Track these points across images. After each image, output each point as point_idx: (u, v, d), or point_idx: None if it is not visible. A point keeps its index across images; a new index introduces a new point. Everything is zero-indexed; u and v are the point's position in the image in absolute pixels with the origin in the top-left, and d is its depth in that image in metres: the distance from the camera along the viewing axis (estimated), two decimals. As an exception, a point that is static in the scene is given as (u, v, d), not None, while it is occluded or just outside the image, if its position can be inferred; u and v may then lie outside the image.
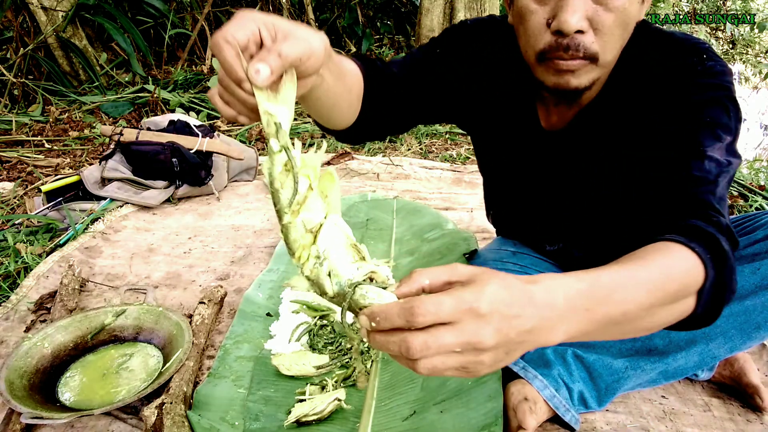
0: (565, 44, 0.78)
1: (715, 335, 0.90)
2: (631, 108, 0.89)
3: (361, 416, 0.99)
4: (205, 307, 1.30)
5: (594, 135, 0.94)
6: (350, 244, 0.56)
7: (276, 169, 0.55)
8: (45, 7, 3.38)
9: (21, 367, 1.08)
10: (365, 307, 0.51)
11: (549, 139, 0.98)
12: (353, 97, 0.86)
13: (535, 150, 1.01)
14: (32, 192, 2.21)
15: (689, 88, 0.83)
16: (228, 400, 1.05)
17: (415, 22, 4.60)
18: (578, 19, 0.76)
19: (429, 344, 0.48)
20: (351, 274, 0.54)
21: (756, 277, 0.88)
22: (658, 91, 0.86)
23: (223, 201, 2.15)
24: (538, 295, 0.53)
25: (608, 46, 0.80)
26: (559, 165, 1.00)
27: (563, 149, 0.98)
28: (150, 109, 3.27)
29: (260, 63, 0.53)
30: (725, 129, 0.80)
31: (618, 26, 0.78)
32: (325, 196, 0.57)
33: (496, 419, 0.86)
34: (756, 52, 5.58)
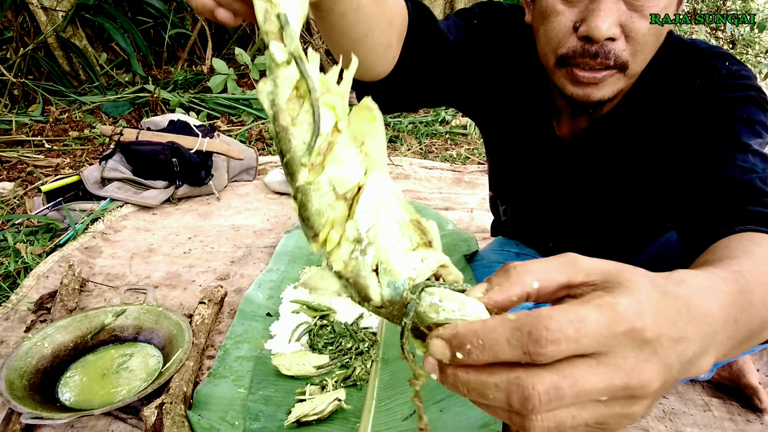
0: (593, 51, 0.72)
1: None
2: (651, 114, 0.85)
3: (361, 416, 0.99)
4: (205, 307, 1.30)
5: (609, 142, 0.90)
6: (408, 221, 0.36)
7: (283, 93, 0.34)
8: (45, 7, 3.38)
9: (21, 367, 1.08)
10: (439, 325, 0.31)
11: (562, 146, 0.95)
12: (393, 33, 0.68)
13: (547, 155, 0.98)
14: (32, 192, 2.22)
15: (718, 89, 0.79)
16: (228, 400, 1.05)
17: (415, 22, 4.59)
18: (610, 25, 0.70)
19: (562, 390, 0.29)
20: (412, 270, 0.34)
21: None
22: (682, 95, 0.82)
23: (223, 201, 2.15)
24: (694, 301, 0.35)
25: (640, 55, 0.74)
26: (570, 169, 0.97)
27: (576, 155, 0.95)
28: (150, 109, 3.28)
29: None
30: (764, 126, 0.75)
31: (653, 34, 0.73)
32: (361, 143, 0.35)
33: (495, 418, 0.86)
34: (756, 52, 5.57)
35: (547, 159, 0.99)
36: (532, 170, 1.03)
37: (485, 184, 2.34)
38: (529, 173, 1.06)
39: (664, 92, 0.84)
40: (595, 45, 0.72)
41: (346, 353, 1.15)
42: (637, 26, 0.71)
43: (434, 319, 0.31)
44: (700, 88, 0.80)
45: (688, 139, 0.80)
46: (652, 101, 0.85)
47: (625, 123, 0.88)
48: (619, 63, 0.74)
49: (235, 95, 3.50)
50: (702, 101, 0.80)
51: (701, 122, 0.79)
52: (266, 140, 2.99)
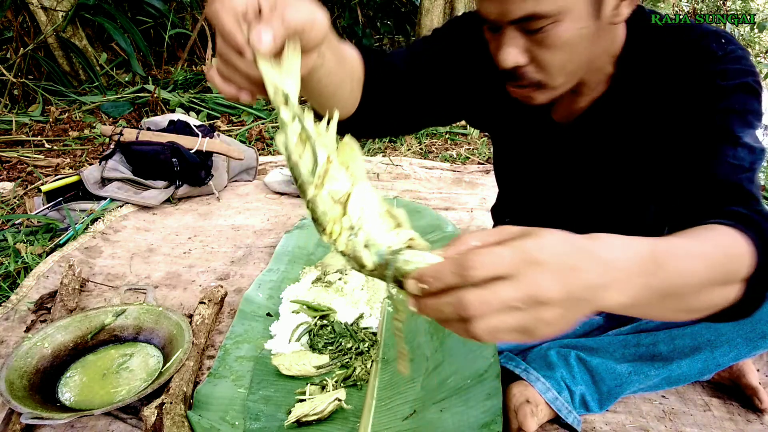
0: (509, 74, 0.79)
1: (720, 343, 0.89)
2: (646, 99, 0.87)
3: (361, 416, 0.99)
4: (205, 307, 1.30)
5: (604, 127, 0.92)
6: (384, 212, 0.51)
7: (291, 141, 0.52)
8: (45, 7, 3.38)
9: (21, 367, 1.08)
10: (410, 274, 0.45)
11: (560, 131, 0.97)
12: (354, 83, 0.83)
13: (546, 141, 1.00)
14: (32, 192, 2.22)
15: (714, 74, 0.79)
16: (228, 400, 1.05)
17: (415, 22, 4.60)
18: (513, 57, 0.76)
19: (487, 299, 0.42)
20: (390, 242, 0.48)
21: None
22: (677, 80, 0.83)
23: (223, 201, 2.15)
24: (600, 250, 0.48)
25: (553, 75, 0.79)
26: (569, 156, 0.99)
27: (573, 141, 0.96)
28: (150, 109, 3.27)
29: (263, 27, 0.50)
30: (756, 115, 0.77)
31: (559, 55, 0.76)
32: (347, 166, 0.53)
33: (495, 417, 0.86)
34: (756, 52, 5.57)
35: (547, 146, 1.00)
36: (534, 160, 1.03)
37: (485, 184, 2.34)
38: (531, 165, 1.06)
39: (659, 75, 0.85)
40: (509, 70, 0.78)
41: (346, 353, 1.15)
42: (541, 56, 0.76)
43: (407, 269, 0.46)
44: (697, 72, 0.80)
45: (683, 126, 0.81)
46: (647, 84, 0.86)
47: (620, 106, 0.89)
48: (534, 83, 0.79)
49: (235, 95, 3.49)
50: (698, 87, 0.80)
51: (696, 110, 0.80)
52: (266, 140, 2.99)
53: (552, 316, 0.44)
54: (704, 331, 0.90)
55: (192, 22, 4.09)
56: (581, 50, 0.77)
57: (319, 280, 1.41)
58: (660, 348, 0.93)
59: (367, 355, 1.15)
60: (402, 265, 0.46)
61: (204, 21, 3.94)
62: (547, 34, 0.73)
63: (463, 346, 1.01)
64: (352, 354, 1.14)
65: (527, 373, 0.99)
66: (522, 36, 0.75)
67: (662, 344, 0.92)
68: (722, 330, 0.88)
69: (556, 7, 0.70)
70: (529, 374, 0.98)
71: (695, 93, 0.80)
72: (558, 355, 1.00)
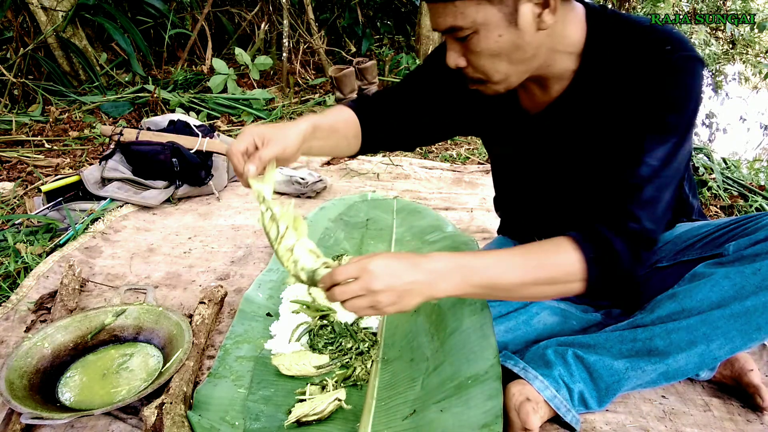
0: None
1: (716, 336, 0.90)
2: (605, 93, 0.94)
3: (361, 416, 0.99)
4: (205, 307, 1.30)
5: (571, 117, 1.00)
6: (311, 251, 0.91)
7: (266, 220, 0.91)
8: (45, 7, 3.38)
9: (21, 367, 1.08)
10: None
11: (532, 120, 1.05)
12: (350, 139, 1.10)
13: (521, 131, 1.08)
14: (32, 192, 2.22)
15: (652, 84, 0.88)
16: (228, 400, 1.05)
17: (415, 22, 4.60)
18: (453, 59, 0.90)
19: (344, 290, 0.82)
20: (313, 266, 0.89)
21: (757, 277, 0.88)
22: (625, 84, 0.91)
23: (223, 201, 2.15)
24: (422, 262, 0.85)
25: (488, 73, 0.90)
26: (542, 143, 1.06)
27: (545, 129, 1.04)
28: (150, 109, 3.27)
29: (250, 164, 0.88)
30: (672, 131, 0.87)
31: (486, 60, 0.88)
32: (296, 229, 0.91)
33: (495, 418, 0.86)
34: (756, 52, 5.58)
35: (522, 135, 1.09)
36: (514, 151, 1.10)
37: (485, 184, 2.34)
38: (513, 155, 1.15)
39: (615, 74, 0.92)
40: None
41: (346, 353, 1.15)
42: (473, 59, 0.89)
43: (318, 279, 0.87)
44: (640, 80, 0.88)
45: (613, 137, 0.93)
46: (607, 79, 0.93)
47: (583, 98, 0.97)
48: (476, 79, 0.92)
49: (235, 95, 3.50)
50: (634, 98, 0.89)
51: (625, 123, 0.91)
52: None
53: (387, 299, 0.83)
54: (700, 324, 0.90)
55: (192, 22, 4.09)
56: (508, 53, 0.87)
57: (319, 280, 1.41)
58: (656, 342, 0.93)
59: (367, 355, 1.15)
60: (316, 277, 0.88)
61: (204, 21, 3.94)
62: (471, 42, 0.86)
63: (463, 347, 1.01)
64: (352, 354, 1.14)
65: (525, 371, 0.99)
66: (457, 42, 0.88)
67: (658, 339, 0.93)
68: (718, 323, 0.89)
69: (471, 21, 0.83)
70: (527, 373, 0.98)
71: (631, 102, 0.90)
72: (555, 353, 1.00)
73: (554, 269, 0.87)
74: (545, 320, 1.14)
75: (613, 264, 0.87)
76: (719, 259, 0.94)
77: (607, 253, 0.86)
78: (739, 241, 0.94)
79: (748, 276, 0.89)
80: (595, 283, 0.88)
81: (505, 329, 1.11)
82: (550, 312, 1.14)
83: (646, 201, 0.87)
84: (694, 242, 1.03)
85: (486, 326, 1.02)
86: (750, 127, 5.40)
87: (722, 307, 0.89)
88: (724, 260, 0.93)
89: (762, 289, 0.87)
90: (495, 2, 0.81)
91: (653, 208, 0.88)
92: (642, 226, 0.87)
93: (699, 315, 0.90)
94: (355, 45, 4.53)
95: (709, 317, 0.90)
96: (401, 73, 3.97)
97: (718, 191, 2.27)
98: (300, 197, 2.20)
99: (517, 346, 1.10)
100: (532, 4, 0.83)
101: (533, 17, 0.84)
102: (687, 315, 0.91)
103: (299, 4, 4.14)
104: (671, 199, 0.91)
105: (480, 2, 0.81)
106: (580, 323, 1.13)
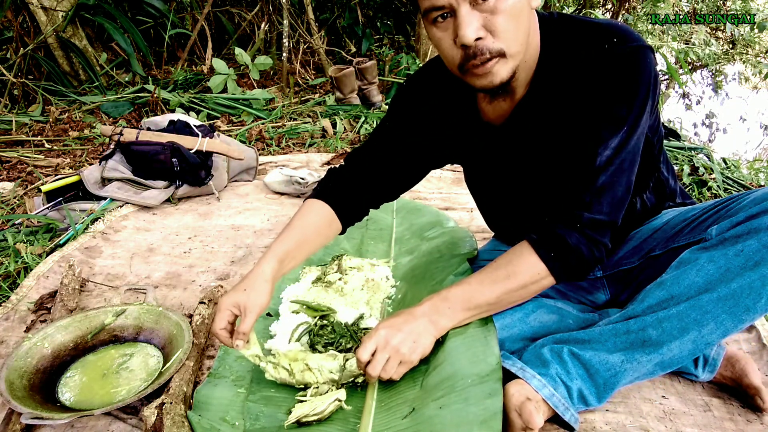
0: (472, 53, 0.90)
1: (707, 321, 0.90)
2: (558, 100, 1.00)
3: (362, 416, 0.99)
4: (205, 307, 1.30)
5: (531, 126, 1.05)
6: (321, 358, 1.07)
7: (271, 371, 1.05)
8: (45, 7, 3.38)
9: (21, 367, 1.08)
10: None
11: (497, 132, 1.11)
12: (325, 233, 1.16)
13: (489, 145, 1.13)
14: (32, 192, 2.22)
15: (601, 78, 0.94)
16: (228, 400, 1.05)
17: (415, 22, 4.60)
18: (474, 31, 0.88)
19: (375, 365, 0.98)
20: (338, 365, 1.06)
21: (740, 258, 0.88)
22: (577, 82, 0.97)
23: (223, 201, 2.15)
24: (413, 311, 1.03)
25: (509, 41, 0.91)
26: (510, 155, 1.11)
27: (510, 140, 1.09)
28: (150, 109, 3.28)
29: (236, 341, 1.00)
30: (623, 121, 0.93)
31: (510, 22, 0.89)
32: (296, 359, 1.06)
33: (494, 415, 0.86)
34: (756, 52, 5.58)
35: (487, 146, 1.14)
36: (482, 163, 1.14)
37: (485, 184, 2.34)
38: (484, 168, 1.19)
39: (567, 76, 0.98)
40: (470, 48, 0.90)
41: (346, 353, 1.15)
42: (493, 22, 0.88)
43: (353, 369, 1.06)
44: (590, 75, 0.94)
45: (580, 122, 0.98)
46: (558, 85, 0.99)
47: (539, 107, 1.03)
48: (495, 53, 0.91)
49: (235, 95, 3.50)
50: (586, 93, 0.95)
51: (590, 107, 0.96)
52: (266, 140, 2.99)
53: (407, 347, 0.99)
54: (690, 311, 0.90)
55: (192, 22, 4.10)
56: (525, 20, 0.91)
57: (319, 280, 1.41)
58: (649, 333, 0.93)
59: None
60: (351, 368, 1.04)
61: (204, 21, 3.94)
62: (496, 2, 0.87)
63: (466, 350, 1.01)
64: (353, 354, 1.14)
65: (523, 371, 0.99)
66: (475, 11, 0.88)
67: (651, 329, 0.93)
68: (707, 308, 0.89)
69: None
70: (525, 372, 0.99)
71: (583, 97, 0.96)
72: (551, 351, 1.00)
73: (521, 276, 0.99)
74: (541, 318, 1.14)
75: (572, 257, 0.96)
76: (703, 244, 0.94)
77: (563, 250, 0.96)
78: (721, 224, 0.94)
79: (732, 258, 0.89)
80: (560, 276, 0.98)
81: (500, 326, 1.11)
82: (546, 310, 1.15)
83: (601, 187, 0.94)
84: (683, 227, 1.04)
85: (490, 337, 1.03)
86: (750, 127, 5.40)
87: (709, 291, 0.89)
88: (707, 244, 0.93)
89: (746, 270, 0.87)
90: None
91: (610, 192, 0.95)
92: (595, 214, 0.95)
93: (688, 301, 0.90)
94: (355, 45, 4.53)
95: (697, 302, 0.90)
96: (401, 73, 3.97)
97: (718, 191, 2.27)
98: (300, 197, 2.19)
99: (513, 343, 1.10)
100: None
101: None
102: (676, 302, 0.92)
103: (299, 4, 4.14)
104: (630, 182, 0.97)
105: None
106: (577, 322, 1.13)
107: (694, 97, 6.00)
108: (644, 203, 1.15)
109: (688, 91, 5.91)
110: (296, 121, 3.27)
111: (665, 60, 4.69)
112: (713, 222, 0.98)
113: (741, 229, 0.90)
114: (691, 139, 4.17)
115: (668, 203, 1.17)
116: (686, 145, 2.72)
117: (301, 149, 2.90)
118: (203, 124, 2.31)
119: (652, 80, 0.93)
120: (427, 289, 1.26)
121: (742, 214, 0.92)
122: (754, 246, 0.87)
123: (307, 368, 1.05)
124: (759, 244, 0.87)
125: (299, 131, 3.09)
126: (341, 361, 1.03)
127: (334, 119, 3.26)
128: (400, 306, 1.30)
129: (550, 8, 5.08)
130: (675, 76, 4.54)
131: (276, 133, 3.07)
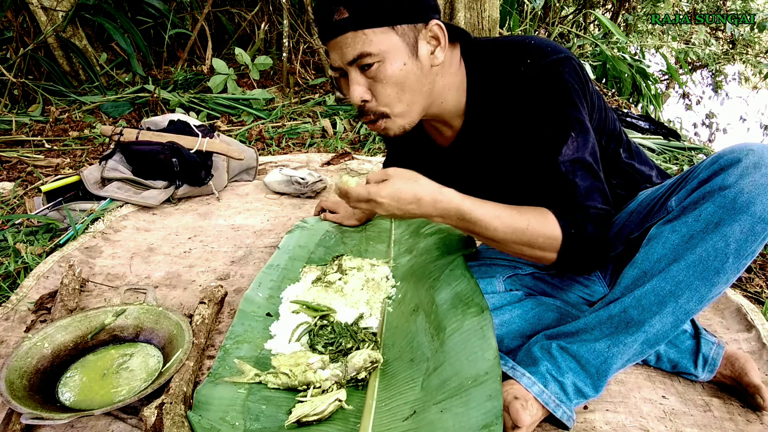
0: (360, 111, 1.02)
1: (682, 291, 0.90)
2: (495, 122, 1.06)
3: (362, 416, 0.99)
4: (205, 307, 1.30)
5: (476, 148, 1.13)
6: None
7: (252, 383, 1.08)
8: (45, 7, 3.38)
9: (21, 367, 1.08)
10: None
11: (446, 153, 1.20)
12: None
13: (441, 164, 1.22)
14: (32, 192, 2.22)
15: (527, 99, 1.00)
16: (228, 400, 1.04)
17: (415, 22, 4.59)
18: (358, 95, 0.97)
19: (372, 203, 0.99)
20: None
21: (700, 223, 0.88)
22: (507, 104, 1.03)
23: (223, 201, 2.15)
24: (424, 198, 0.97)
25: (391, 105, 1.00)
26: (461, 174, 1.19)
27: (458, 161, 1.18)
28: (150, 109, 3.28)
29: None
30: (566, 127, 0.98)
31: (391, 89, 0.97)
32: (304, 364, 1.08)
33: (496, 418, 0.86)
34: (756, 52, 5.58)
35: (442, 166, 1.21)
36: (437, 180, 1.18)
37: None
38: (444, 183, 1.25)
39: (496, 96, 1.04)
40: (360, 107, 1.01)
41: (346, 353, 1.15)
42: (376, 89, 0.98)
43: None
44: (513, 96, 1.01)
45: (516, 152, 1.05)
46: (490, 106, 1.06)
47: (478, 130, 1.09)
48: (378, 114, 1.01)
49: (235, 95, 3.50)
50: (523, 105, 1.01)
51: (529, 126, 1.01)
52: (266, 140, 2.99)
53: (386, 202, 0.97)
54: (663, 283, 0.91)
55: (192, 22, 4.09)
56: (411, 83, 0.99)
57: (319, 280, 1.41)
58: (630, 313, 0.93)
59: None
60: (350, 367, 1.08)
61: (204, 21, 3.94)
62: (378, 70, 0.95)
63: (464, 348, 1.02)
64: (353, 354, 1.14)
65: (514, 370, 1.00)
66: (362, 75, 0.97)
67: (631, 309, 0.93)
68: (679, 277, 0.90)
69: (379, 49, 0.94)
70: (515, 371, 1.00)
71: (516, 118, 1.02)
72: (541, 349, 1.01)
73: (537, 235, 0.98)
74: (540, 316, 1.14)
75: (585, 241, 0.98)
76: (667, 217, 0.95)
77: (581, 231, 0.98)
78: (679, 194, 0.95)
79: (692, 224, 0.89)
80: (565, 254, 0.99)
81: (499, 323, 1.11)
82: (546, 308, 1.15)
83: (587, 190, 0.99)
84: (653, 205, 1.04)
85: (486, 328, 1.03)
86: (750, 127, 5.40)
87: (677, 260, 0.90)
88: (670, 216, 0.94)
89: (707, 233, 0.87)
90: (399, 33, 0.95)
91: (597, 190, 1.00)
92: (599, 208, 0.99)
93: (660, 274, 0.91)
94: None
95: (668, 274, 0.90)
96: (401, 73, 3.96)
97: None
98: (300, 197, 2.19)
99: (512, 340, 1.11)
100: (426, 41, 0.98)
101: (428, 53, 0.99)
102: (649, 277, 0.92)
103: (299, 4, 4.14)
104: (600, 170, 1.03)
105: (387, 32, 0.94)
106: (575, 319, 1.14)
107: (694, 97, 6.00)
108: (614, 191, 1.15)
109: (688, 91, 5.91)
110: (296, 121, 3.27)
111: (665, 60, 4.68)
112: (674, 194, 0.99)
113: (696, 195, 0.90)
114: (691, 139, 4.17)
115: (645, 185, 1.18)
116: (686, 145, 2.72)
117: (301, 149, 2.90)
118: (203, 124, 2.31)
119: (575, 85, 0.99)
120: (425, 288, 1.26)
121: (695, 181, 0.92)
122: (710, 209, 0.87)
123: (308, 368, 1.05)
124: (714, 206, 0.87)
125: (299, 131, 3.09)
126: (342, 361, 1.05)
127: (334, 119, 3.26)
128: (401, 306, 1.30)
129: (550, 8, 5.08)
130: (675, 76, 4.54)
131: (276, 133, 3.07)
